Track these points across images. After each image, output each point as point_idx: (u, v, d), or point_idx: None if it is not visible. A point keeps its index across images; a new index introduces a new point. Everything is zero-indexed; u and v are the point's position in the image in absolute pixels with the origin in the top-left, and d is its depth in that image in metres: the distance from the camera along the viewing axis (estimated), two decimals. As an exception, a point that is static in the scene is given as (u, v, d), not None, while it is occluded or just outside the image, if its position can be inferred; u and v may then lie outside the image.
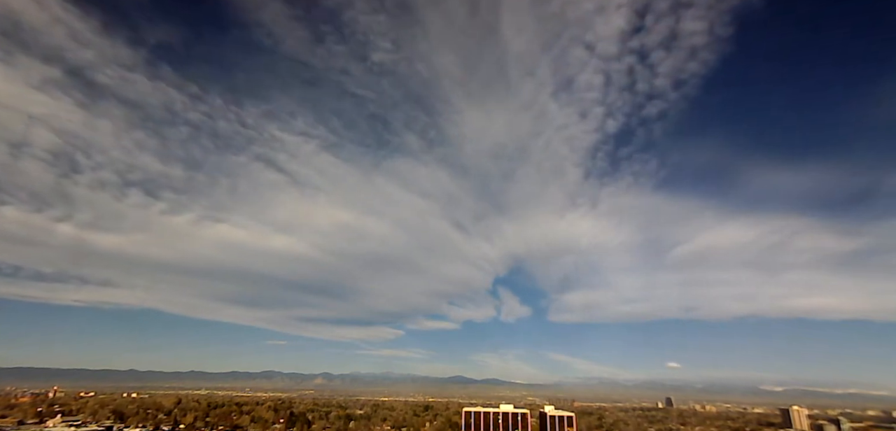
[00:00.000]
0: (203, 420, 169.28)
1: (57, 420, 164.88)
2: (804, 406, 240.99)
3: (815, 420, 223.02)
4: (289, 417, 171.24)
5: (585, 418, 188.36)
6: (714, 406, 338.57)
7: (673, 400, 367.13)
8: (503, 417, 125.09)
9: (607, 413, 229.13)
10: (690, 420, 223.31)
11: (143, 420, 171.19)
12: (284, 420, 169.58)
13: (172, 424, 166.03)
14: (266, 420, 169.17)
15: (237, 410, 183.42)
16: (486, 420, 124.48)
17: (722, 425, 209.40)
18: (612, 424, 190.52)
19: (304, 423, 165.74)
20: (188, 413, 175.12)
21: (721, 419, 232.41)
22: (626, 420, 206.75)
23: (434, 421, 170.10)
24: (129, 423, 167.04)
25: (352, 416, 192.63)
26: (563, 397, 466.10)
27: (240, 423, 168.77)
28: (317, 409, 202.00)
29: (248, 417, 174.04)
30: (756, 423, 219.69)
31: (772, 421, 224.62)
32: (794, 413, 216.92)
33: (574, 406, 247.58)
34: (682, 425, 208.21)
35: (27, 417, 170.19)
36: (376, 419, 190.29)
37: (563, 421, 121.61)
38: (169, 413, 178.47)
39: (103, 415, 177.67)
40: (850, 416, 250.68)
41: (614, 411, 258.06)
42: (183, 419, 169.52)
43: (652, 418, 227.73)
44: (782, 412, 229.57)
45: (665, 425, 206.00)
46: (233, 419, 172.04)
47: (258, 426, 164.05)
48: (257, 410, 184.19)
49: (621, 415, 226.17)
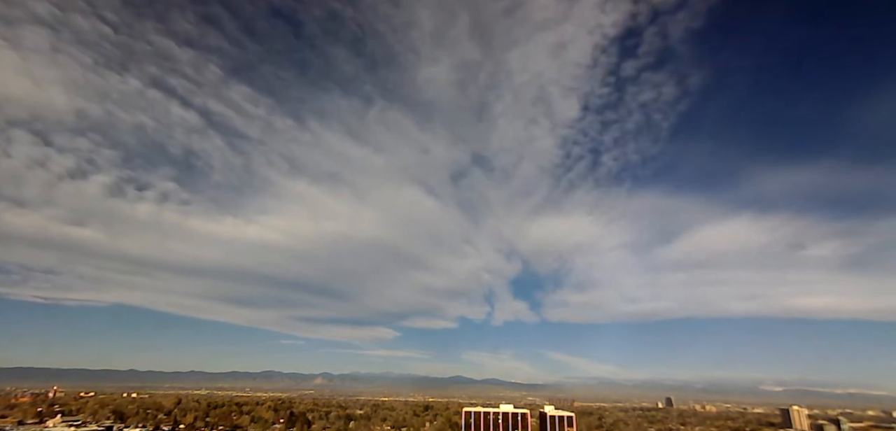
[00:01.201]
0: (203, 420, 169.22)
1: (57, 420, 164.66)
2: (804, 406, 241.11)
3: (815, 420, 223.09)
4: (289, 417, 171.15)
5: (585, 418, 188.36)
6: (714, 406, 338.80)
7: (673, 400, 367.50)
8: (503, 417, 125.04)
9: (607, 413, 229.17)
10: (690, 420, 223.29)
11: (143, 420, 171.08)
12: (284, 420, 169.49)
13: (172, 424, 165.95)
14: (266, 420, 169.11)
15: (237, 410, 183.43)
16: (486, 420, 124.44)
17: (722, 425, 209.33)
18: (612, 424, 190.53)
19: (304, 423, 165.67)
20: (188, 413, 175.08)
21: (721, 419, 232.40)
22: (626, 420, 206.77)
23: (434, 421, 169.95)
24: (129, 423, 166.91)
25: (352, 416, 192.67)
26: (563, 397, 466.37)
27: (240, 423, 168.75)
28: (317, 409, 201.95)
29: (248, 417, 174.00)
30: (756, 423, 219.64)
31: (772, 421, 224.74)
32: (794, 413, 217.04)
33: (574, 406, 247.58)
34: (682, 425, 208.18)
35: (27, 417, 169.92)
36: (376, 419, 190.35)
37: (563, 421, 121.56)
38: (169, 413, 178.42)
39: (103, 415, 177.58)
40: (850, 416, 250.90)
41: (614, 411, 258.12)
42: (183, 419, 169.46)
43: (652, 418, 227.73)
44: (782, 412, 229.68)
45: (665, 425, 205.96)
46: (233, 419, 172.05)
47: (258, 426, 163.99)
48: (257, 410, 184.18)
49: (621, 415, 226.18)
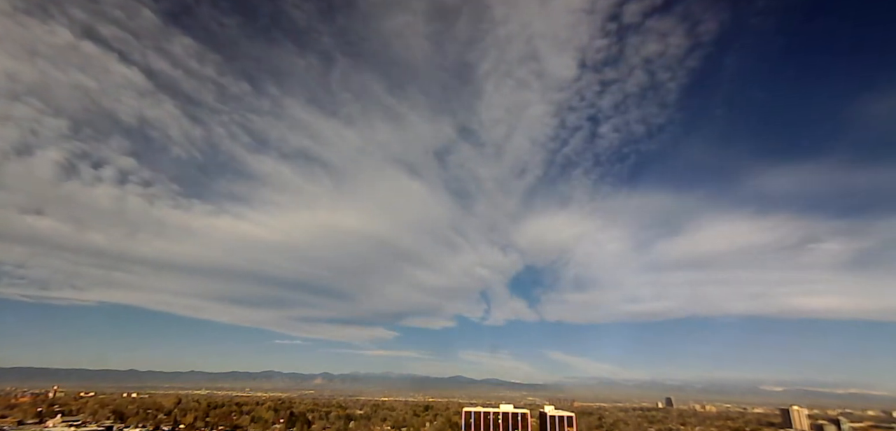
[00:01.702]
0: (203, 420, 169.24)
1: (57, 420, 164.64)
2: (804, 406, 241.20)
3: (815, 420, 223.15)
4: (289, 417, 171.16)
5: (585, 418, 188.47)
6: (714, 406, 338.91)
7: (673, 400, 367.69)
8: (503, 417, 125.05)
9: (607, 413, 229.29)
10: (690, 420, 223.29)
11: (143, 420, 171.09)
12: (284, 420, 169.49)
13: (172, 424, 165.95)
14: (266, 420, 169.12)
15: (237, 410, 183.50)
16: (486, 420, 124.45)
17: (722, 425, 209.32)
18: (612, 424, 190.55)
19: (304, 423, 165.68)
20: (188, 413, 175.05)
21: (721, 419, 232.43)
22: (626, 420, 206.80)
23: (434, 421, 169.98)
24: (129, 423, 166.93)
25: (352, 416, 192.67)
26: (563, 397, 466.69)
27: (240, 423, 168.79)
28: (317, 409, 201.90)
29: (248, 417, 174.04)
30: (756, 423, 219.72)
31: (772, 421, 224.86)
32: (794, 413, 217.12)
33: (574, 406, 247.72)
34: (682, 425, 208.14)
35: (27, 417, 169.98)
36: (376, 419, 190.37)
37: (563, 421, 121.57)
38: (169, 413, 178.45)
39: (103, 415, 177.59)
40: (850, 416, 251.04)
41: (614, 411, 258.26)
42: (183, 419, 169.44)
43: (652, 418, 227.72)
44: (782, 412, 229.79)
45: (665, 425, 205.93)
46: (233, 419, 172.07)
47: (258, 426, 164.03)
48: (257, 410, 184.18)
49: (621, 415, 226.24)
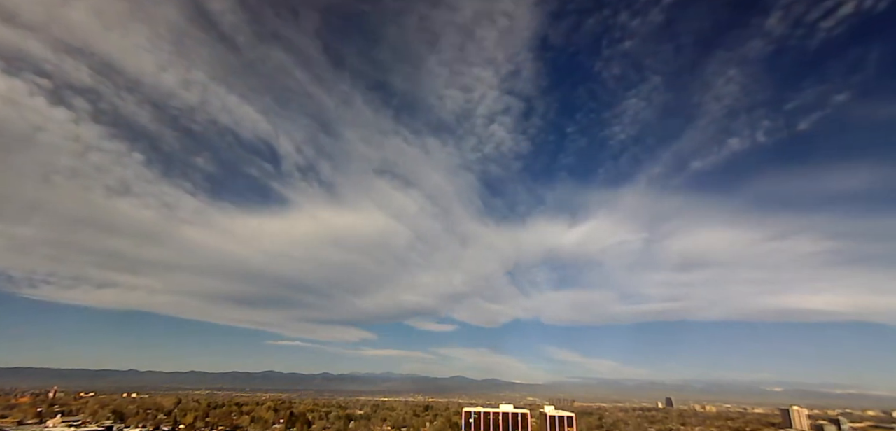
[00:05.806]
0: (203, 420, 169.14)
1: (57, 421, 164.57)
2: (804, 406, 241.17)
3: (815, 420, 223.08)
4: (289, 417, 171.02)
5: (585, 418, 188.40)
6: (714, 406, 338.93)
7: (673, 400, 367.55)
8: (503, 417, 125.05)
9: (607, 413, 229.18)
10: (690, 420, 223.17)
11: (143, 420, 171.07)
12: (284, 420, 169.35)
13: (172, 424, 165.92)
14: (266, 420, 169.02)
15: (237, 410, 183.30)
16: (486, 420, 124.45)
17: (722, 425, 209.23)
18: (612, 424, 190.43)
19: (304, 423, 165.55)
20: (188, 413, 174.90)
21: (721, 419, 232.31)
22: (626, 420, 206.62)
23: (434, 421, 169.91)
24: (129, 423, 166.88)
25: (352, 416, 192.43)
26: (563, 397, 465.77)
27: (240, 423, 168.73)
28: (317, 409, 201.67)
29: (248, 417, 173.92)
30: (756, 423, 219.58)
31: (772, 421, 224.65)
32: (794, 413, 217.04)
33: (574, 406, 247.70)
34: (682, 425, 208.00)
35: (27, 417, 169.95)
36: (376, 419, 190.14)
37: (563, 421, 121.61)
38: (169, 413, 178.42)
39: (103, 415, 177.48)
40: (850, 416, 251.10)
41: (614, 411, 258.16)
42: (183, 419, 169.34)
43: (652, 418, 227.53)
44: (782, 412, 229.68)
45: (665, 425, 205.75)
46: (233, 419, 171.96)
47: (258, 426, 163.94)
48: (257, 410, 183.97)
49: (621, 415, 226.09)
